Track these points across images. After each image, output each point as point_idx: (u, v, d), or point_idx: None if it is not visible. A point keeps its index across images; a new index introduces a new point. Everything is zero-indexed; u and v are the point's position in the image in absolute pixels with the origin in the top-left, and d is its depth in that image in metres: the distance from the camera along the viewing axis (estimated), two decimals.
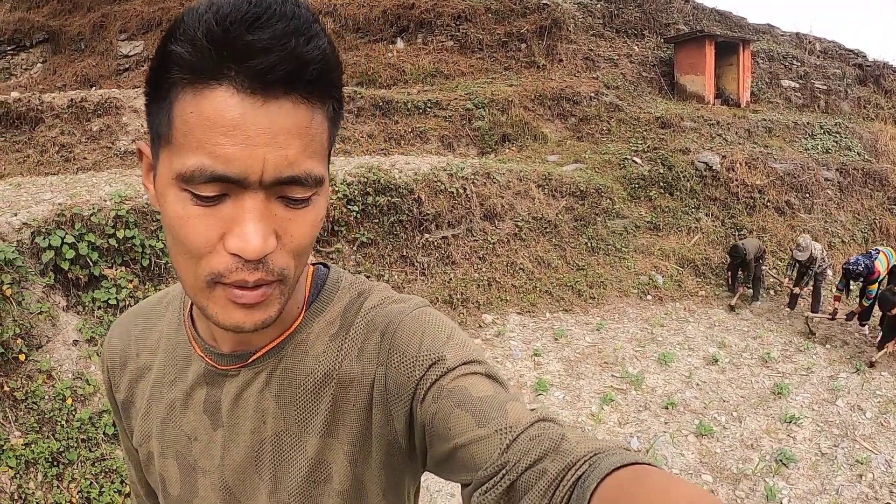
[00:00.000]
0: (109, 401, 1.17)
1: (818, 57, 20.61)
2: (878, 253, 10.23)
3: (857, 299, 10.49)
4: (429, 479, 5.78)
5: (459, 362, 0.90)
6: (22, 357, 5.03)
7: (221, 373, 0.99)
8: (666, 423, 7.37)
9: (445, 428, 0.85)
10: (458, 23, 16.56)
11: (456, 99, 13.69)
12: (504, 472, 0.79)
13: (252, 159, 0.73)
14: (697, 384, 8.24)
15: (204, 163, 0.73)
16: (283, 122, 0.74)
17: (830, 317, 10.42)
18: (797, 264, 10.69)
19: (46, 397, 5.04)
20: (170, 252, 0.83)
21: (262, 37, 0.69)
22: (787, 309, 10.97)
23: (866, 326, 10.32)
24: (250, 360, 0.97)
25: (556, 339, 8.89)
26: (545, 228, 10.59)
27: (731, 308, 10.81)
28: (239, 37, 0.69)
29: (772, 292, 11.72)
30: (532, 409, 0.89)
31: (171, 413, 1.04)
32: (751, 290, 11.10)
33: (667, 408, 7.63)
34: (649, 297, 10.64)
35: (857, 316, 10.38)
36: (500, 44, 16.18)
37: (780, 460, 6.91)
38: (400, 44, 16.80)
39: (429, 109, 13.35)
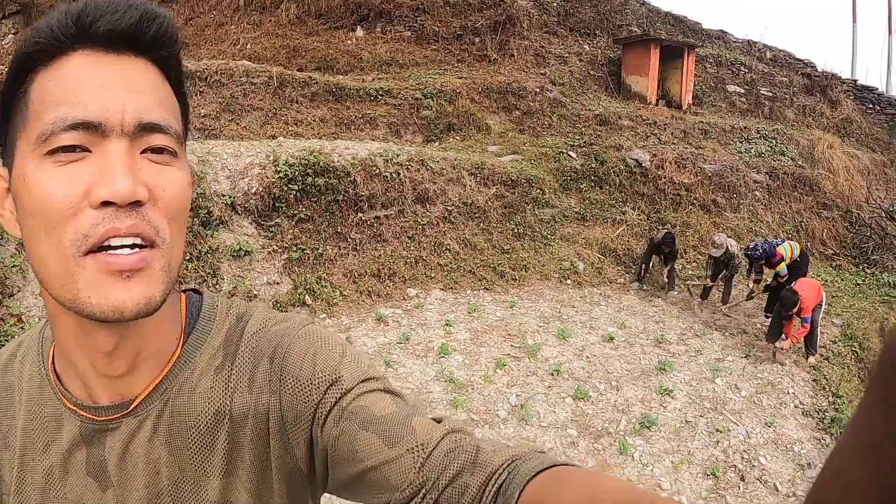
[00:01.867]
0: None
1: (767, 64, 21.22)
2: (783, 241, 10.98)
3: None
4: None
5: (357, 381, 0.90)
6: None
7: (101, 427, 0.90)
8: (549, 387, 8.11)
9: (352, 451, 0.85)
10: (416, 14, 17.05)
11: (407, 88, 14.21)
12: (424, 491, 0.81)
13: (111, 102, 0.75)
14: (587, 357, 8.98)
15: (63, 112, 0.74)
16: (137, 75, 0.79)
17: (747, 297, 11.37)
18: (714, 261, 11.30)
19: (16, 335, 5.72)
20: (30, 247, 0.79)
21: (110, 9, 0.76)
22: (699, 299, 11.67)
23: (770, 317, 11.00)
24: (132, 408, 0.90)
25: (470, 313, 9.60)
26: (474, 213, 11.24)
27: (640, 286, 11.61)
28: (89, 11, 0.75)
29: (688, 284, 12.42)
30: (435, 419, 0.91)
31: (49, 482, 0.93)
32: (667, 279, 11.77)
33: (552, 374, 8.37)
34: (569, 281, 11.31)
35: (748, 295, 11.37)
36: (455, 36, 16.70)
37: (644, 423, 7.64)
38: (360, 31, 17.26)
39: (380, 97, 13.85)
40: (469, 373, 8.14)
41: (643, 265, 11.70)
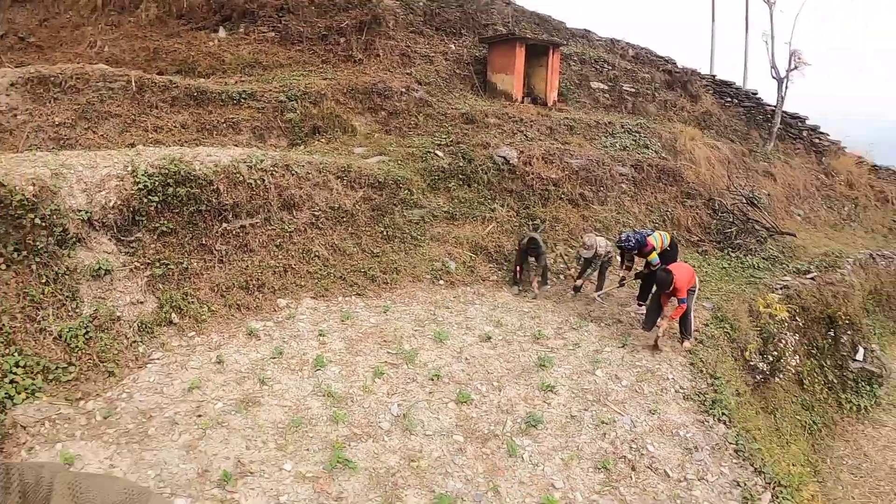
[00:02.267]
0: None
1: (629, 62, 21.99)
2: (653, 231, 11.27)
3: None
4: None
5: None
6: None
7: None
8: (430, 393, 8.07)
9: None
10: (280, 14, 16.76)
11: (271, 90, 13.91)
12: None
13: None
14: (466, 359, 9.01)
15: None
16: None
17: (619, 285, 11.73)
18: (584, 260, 11.51)
19: None
20: None
21: None
22: (572, 292, 11.95)
23: (643, 306, 11.29)
24: None
25: (343, 321, 9.47)
26: (342, 218, 11.10)
27: (518, 291, 11.68)
28: None
29: (562, 277, 12.69)
30: None
31: None
32: (539, 278, 11.92)
33: (432, 379, 8.34)
34: (441, 281, 11.35)
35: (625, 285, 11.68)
36: (320, 37, 16.50)
37: (530, 422, 7.69)
38: (222, 33, 16.82)
39: (243, 100, 13.51)
40: (347, 384, 8.03)
41: (517, 267, 11.83)
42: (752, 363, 11.25)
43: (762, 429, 9.32)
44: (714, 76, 24.75)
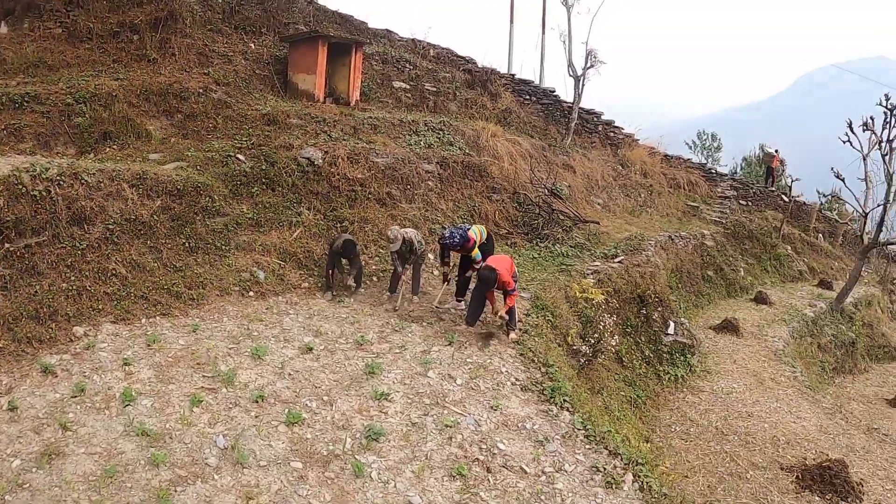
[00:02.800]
0: None
1: (431, 61, 22.39)
2: (470, 226, 11.53)
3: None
4: None
5: None
6: None
7: None
8: (257, 417, 7.63)
9: None
10: (69, 8, 15.57)
11: (57, 92, 12.98)
12: None
13: None
14: (290, 374, 8.68)
15: None
16: None
17: (444, 281, 11.83)
18: (397, 254, 11.58)
19: None
20: None
21: None
22: (388, 293, 12.07)
23: (462, 302, 11.66)
24: None
25: (150, 345, 8.87)
26: (140, 230, 10.54)
27: (332, 296, 11.66)
28: None
29: (374, 279, 12.80)
30: None
31: None
32: (353, 282, 11.91)
33: (257, 401, 7.91)
34: (251, 293, 11.09)
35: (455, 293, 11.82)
36: (111, 34, 15.52)
37: (370, 436, 7.45)
38: (3, 28, 15.57)
39: (26, 104, 12.52)
40: (162, 419, 7.37)
41: (329, 272, 11.79)
42: (574, 347, 11.86)
43: (596, 409, 9.67)
44: (513, 75, 25.62)
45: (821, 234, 30.15)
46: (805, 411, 13.57)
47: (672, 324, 15.20)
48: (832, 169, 23.97)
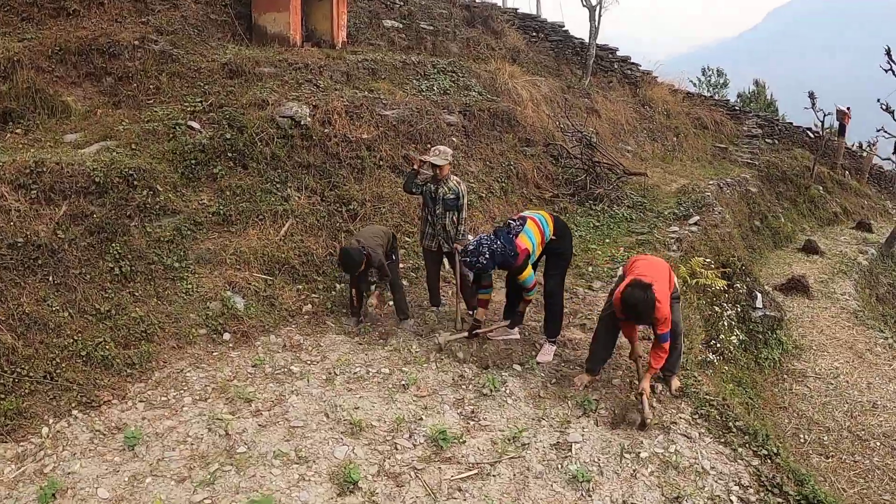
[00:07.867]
0: None
1: None
2: (518, 221, 6.87)
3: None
4: None
5: None
6: None
7: None
8: None
9: None
10: None
11: None
12: None
13: None
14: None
15: None
16: None
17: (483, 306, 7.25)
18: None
19: None
20: None
21: None
22: (431, 306, 8.13)
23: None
24: None
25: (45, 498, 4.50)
26: (34, 258, 6.28)
27: (358, 322, 7.53)
28: None
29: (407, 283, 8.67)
30: None
31: None
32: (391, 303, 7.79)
33: None
34: (227, 335, 6.93)
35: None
36: None
37: None
38: None
39: None
40: None
41: (353, 290, 7.69)
42: (700, 358, 8.18)
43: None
44: (516, 10, 22.50)
45: (847, 172, 27.73)
46: None
47: (758, 295, 11.59)
48: (878, 101, 20.82)
